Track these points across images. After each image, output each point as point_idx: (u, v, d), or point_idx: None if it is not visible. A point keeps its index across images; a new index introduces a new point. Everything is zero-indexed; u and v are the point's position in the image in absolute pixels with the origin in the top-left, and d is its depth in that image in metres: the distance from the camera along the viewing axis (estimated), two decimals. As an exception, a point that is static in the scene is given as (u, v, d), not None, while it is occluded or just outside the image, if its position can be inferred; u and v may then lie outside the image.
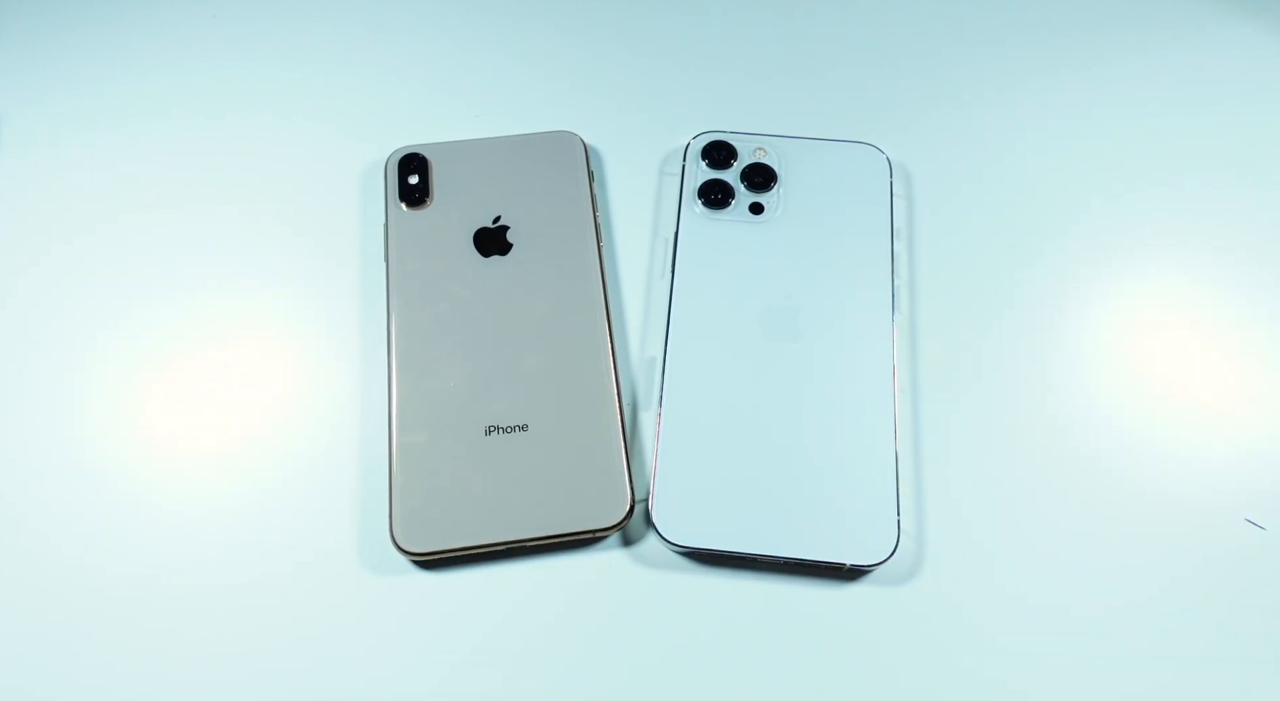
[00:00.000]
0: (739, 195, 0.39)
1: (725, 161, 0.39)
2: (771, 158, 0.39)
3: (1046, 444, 0.37)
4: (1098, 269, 0.40)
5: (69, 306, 0.39)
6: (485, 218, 0.39)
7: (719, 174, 0.39)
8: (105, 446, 0.37)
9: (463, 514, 0.34)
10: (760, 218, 0.38)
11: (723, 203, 0.39)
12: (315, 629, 0.33)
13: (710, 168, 0.39)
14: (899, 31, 0.46)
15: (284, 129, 0.44)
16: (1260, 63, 0.45)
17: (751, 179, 0.39)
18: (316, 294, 0.40)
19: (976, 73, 0.45)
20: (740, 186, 0.39)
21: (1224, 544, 0.35)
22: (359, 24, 0.46)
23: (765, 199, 0.39)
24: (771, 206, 0.38)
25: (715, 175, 0.39)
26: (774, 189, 0.39)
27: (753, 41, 0.46)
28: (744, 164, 0.39)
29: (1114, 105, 0.44)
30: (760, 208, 0.38)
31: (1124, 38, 0.46)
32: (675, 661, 0.33)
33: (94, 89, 0.45)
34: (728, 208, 0.38)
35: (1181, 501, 0.36)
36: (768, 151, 0.39)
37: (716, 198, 0.39)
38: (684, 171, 0.39)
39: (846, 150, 0.40)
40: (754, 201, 0.39)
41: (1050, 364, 0.38)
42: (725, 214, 0.38)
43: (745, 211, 0.38)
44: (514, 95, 0.44)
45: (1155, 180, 0.42)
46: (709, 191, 0.39)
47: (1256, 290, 0.40)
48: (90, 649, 0.33)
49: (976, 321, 0.39)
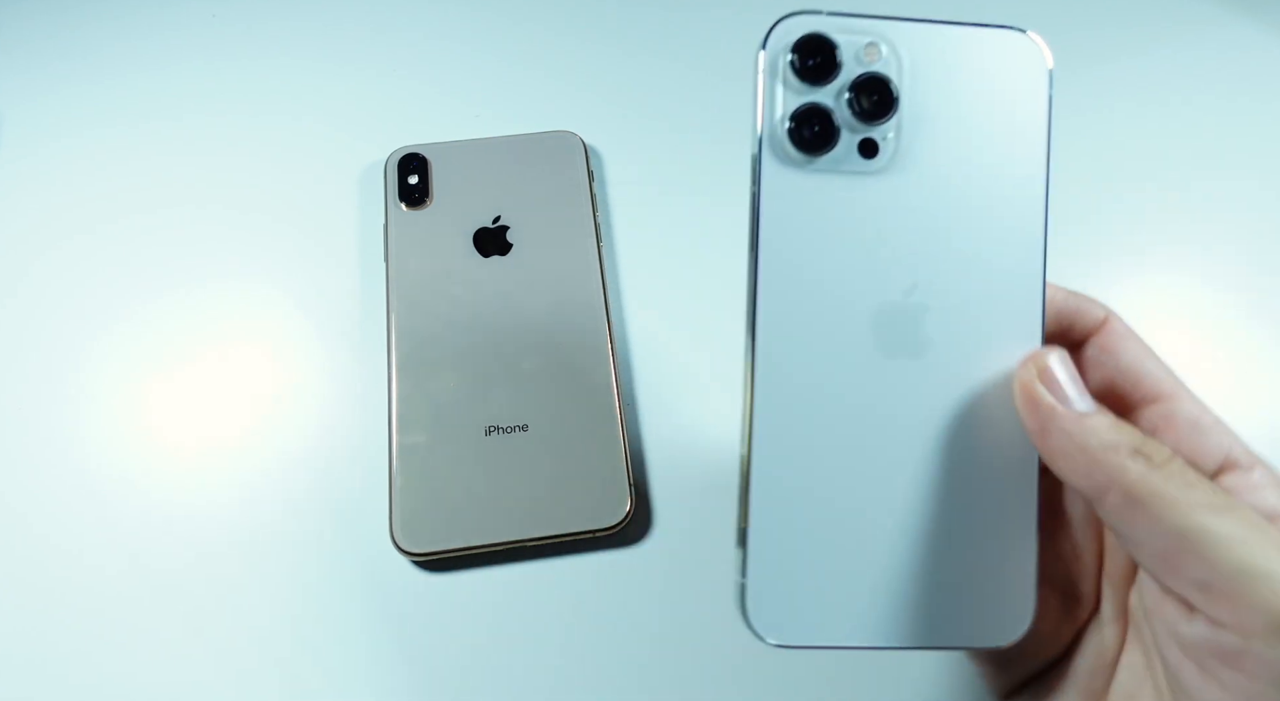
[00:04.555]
0: (843, 129, 0.25)
1: (823, 71, 0.25)
2: (888, 61, 0.25)
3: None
4: (1098, 269, 0.40)
5: (68, 307, 0.39)
6: (485, 218, 0.39)
7: (813, 95, 0.25)
8: (105, 447, 0.37)
9: (463, 514, 0.34)
10: (873, 163, 0.25)
11: (819, 142, 0.25)
12: (315, 628, 0.33)
13: (803, 81, 0.25)
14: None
15: (284, 129, 0.43)
16: (1260, 63, 0.45)
17: (862, 100, 0.25)
18: (316, 294, 0.40)
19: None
20: (846, 112, 0.25)
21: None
22: (359, 24, 0.46)
23: (880, 132, 0.25)
24: (889, 144, 0.25)
25: (810, 98, 0.25)
26: (893, 114, 0.25)
27: (753, 42, 0.46)
28: (851, 75, 0.25)
29: (1113, 105, 0.44)
30: (874, 147, 0.25)
31: (1124, 38, 0.46)
32: (675, 661, 0.33)
33: (94, 89, 0.45)
34: (827, 150, 0.25)
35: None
36: (881, 52, 0.25)
37: (810, 135, 0.25)
38: (765, 90, 0.25)
39: (992, 40, 0.26)
40: (865, 137, 0.25)
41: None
42: (825, 162, 0.25)
43: (853, 154, 0.25)
44: (514, 95, 0.44)
45: (1155, 180, 0.42)
46: (805, 125, 0.25)
47: (1257, 290, 0.40)
48: (88, 648, 0.33)
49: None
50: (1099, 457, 0.21)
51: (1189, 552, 0.20)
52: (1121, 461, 0.21)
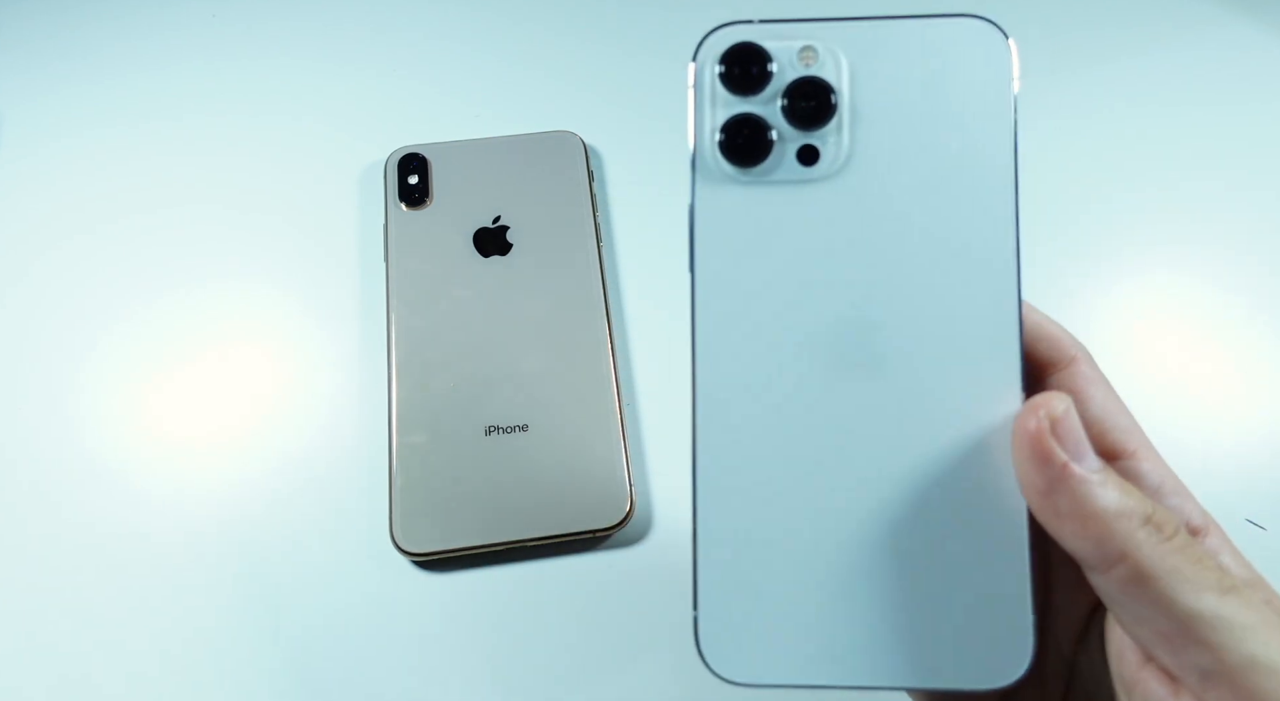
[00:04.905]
0: (781, 137, 0.24)
1: (756, 80, 0.24)
2: (825, 63, 0.23)
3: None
4: (1098, 268, 0.40)
5: (68, 307, 0.39)
6: (485, 218, 0.39)
7: (745, 105, 0.24)
8: (105, 446, 0.37)
9: (463, 514, 0.34)
10: (815, 170, 0.24)
11: (751, 153, 0.24)
12: (315, 628, 0.33)
13: (733, 93, 0.24)
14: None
15: (284, 129, 0.43)
16: (1260, 63, 0.45)
17: (797, 106, 0.24)
18: (316, 294, 0.40)
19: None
20: (782, 119, 0.24)
21: (1224, 544, 0.35)
22: (359, 24, 0.46)
23: (820, 138, 0.24)
24: (832, 150, 0.24)
25: (742, 108, 0.24)
26: (833, 118, 0.23)
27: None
28: (784, 81, 0.24)
29: (1113, 106, 0.44)
30: (814, 154, 0.24)
31: (1124, 38, 0.46)
32: (675, 660, 0.33)
33: (94, 89, 0.45)
34: (763, 161, 0.24)
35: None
36: (818, 55, 0.24)
37: (743, 146, 0.24)
38: (695, 104, 0.24)
39: (942, 31, 0.24)
40: (804, 144, 0.24)
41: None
42: (759, 172, 0.24)
43: (792, 162, 0.24)
44: (514, 95, 0.44)
45: (1155, 181, 0.42)
46: (733, 136, 0.24)
47: (1257, 291, 0.40)
48: (87, 646, 0.33)
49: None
50: (1112, 526, 0.20)
51: (1194, 637, 0.19)
52: (1134, 532, 0.20)
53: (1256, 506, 0.36)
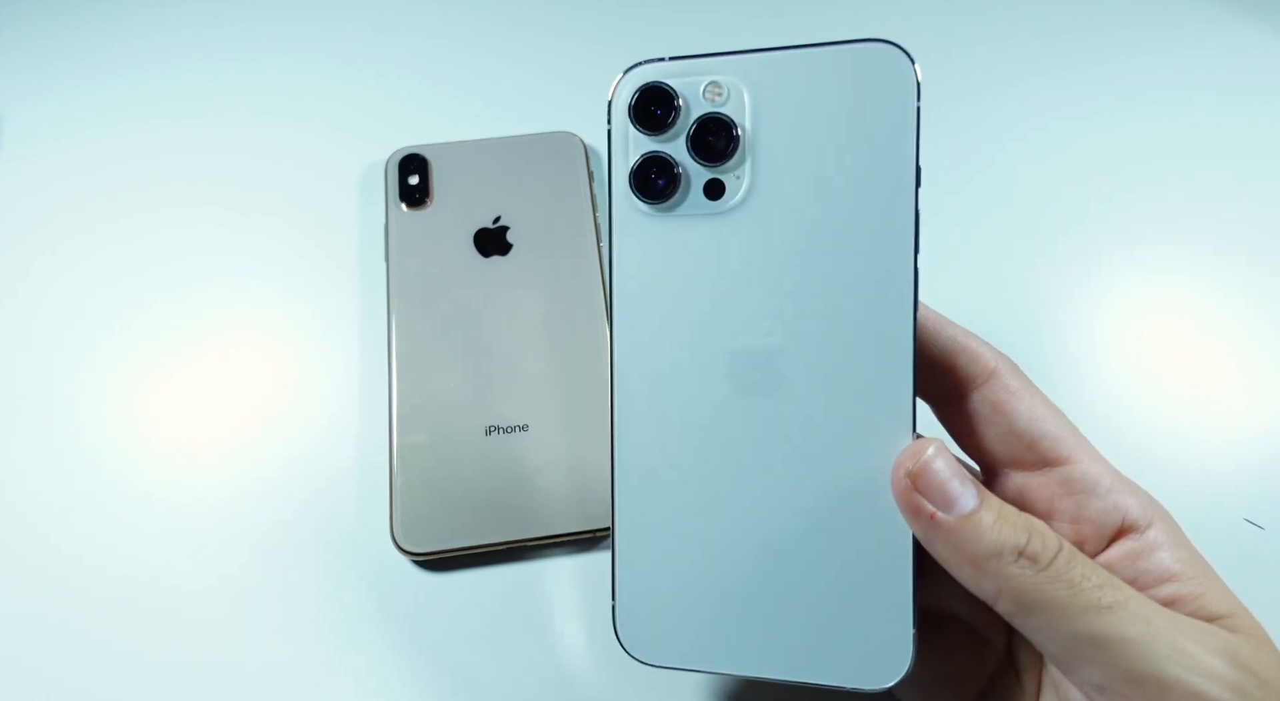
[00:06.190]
0: (687, 174, 0.25)
1: (661, 120, 0.25)
2: (731, 101, 0.24)
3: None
4: (1098, 268, 0.40)
5: (68, 307, 0.39)
6: (485, 218, 0.39)
7: (656, 143, 0.25)
8: (104, 446, 0.37)
9: (463, 514, 0.34)
10: (721, 204, 0.25)
11: (659, 190, 0.25)
12: (315, 628, 0.33)
13: (643, 131, 0.25)
14: (897, 26, 0.46)
15: (284, 129, 0.44)
16: (1260, 63, 0.45)
17: (701, 143, 0.25)
18: (317, 294, 0.40)
19: (975, 72, 0.45)
20: (688, 157, 0.25)
21: (1223, 544, 0.35)
22: (359, 24, 0.47)
23: (725, 171, 0.25)
24: (735, 184, 0.25)
25: (651, 147, 0.25)
26: (736, 152, 0.24)
27: (753, 43, 0.46)
28: (690, 118, 0.25)
29: (1113, 106, 0.44)
30: (720, 188, 0.25)
31: (1124, 38, 0.46)
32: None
33: (94, 89, 0.45)
34: (671, 197, 0.25)
35: (1180, 501, 0.36)
36: (724, 90, 0.24)
37: (650, 184, 0.25)
38: (611, 142, 0.25)
39: (846, 59, 0.24)
40: (711, 178, 0.25)
41: (1051, 363, 0.38)
42: (668, 207, 0.25)
43: (699, 197, 0.25)
44: (514, 95, 0.44)
45: (1155, 181, 0.42)
46: (643, 175, 0.25)
47: (1257, 290, 0.40)
48: (88, 648, 0.33)
49: (973, 320, 0.39)
50: (985, 567, 0.21)
51: (1080, 657, 0.21)
52: (1006, 570, 0.21)
53: (1255, 506, 0.36)
